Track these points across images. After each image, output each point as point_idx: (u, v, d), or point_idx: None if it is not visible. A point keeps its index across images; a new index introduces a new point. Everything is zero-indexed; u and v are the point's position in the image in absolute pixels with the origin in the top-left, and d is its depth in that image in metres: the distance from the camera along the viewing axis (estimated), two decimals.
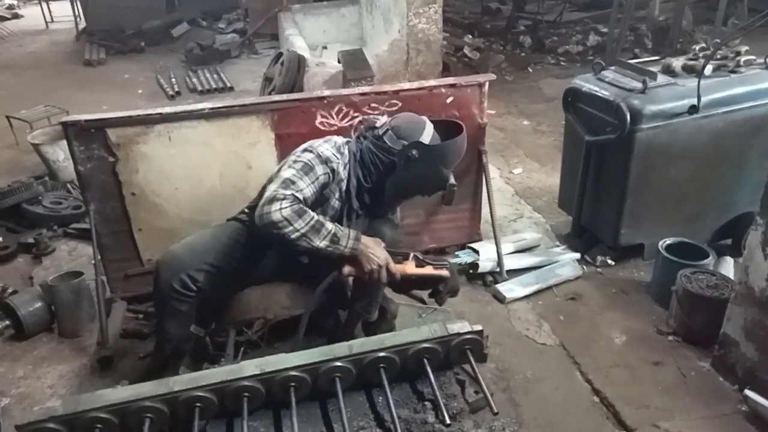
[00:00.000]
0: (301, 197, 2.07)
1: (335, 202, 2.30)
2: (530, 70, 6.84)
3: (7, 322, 2.88)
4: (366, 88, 2.86)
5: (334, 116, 2.84)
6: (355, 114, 2.84)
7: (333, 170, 2.20)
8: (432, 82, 2.90)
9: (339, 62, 5.18)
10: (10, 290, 3.12)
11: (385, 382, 1.92)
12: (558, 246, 3.35)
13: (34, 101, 5.77)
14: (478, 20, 8.54)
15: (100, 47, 8.33)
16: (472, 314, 2.90)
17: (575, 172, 3.16)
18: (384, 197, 2.34)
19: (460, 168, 3.09)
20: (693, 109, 2.77)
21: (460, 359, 2.05)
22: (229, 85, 6.65)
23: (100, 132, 2.62)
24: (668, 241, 2.91)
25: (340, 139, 2.32)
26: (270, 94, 5.14)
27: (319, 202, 2.24)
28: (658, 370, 2.52)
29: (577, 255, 3.22)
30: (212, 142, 2.75)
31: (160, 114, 2.65)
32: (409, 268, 2.24)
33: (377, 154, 2.26)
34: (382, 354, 1.95)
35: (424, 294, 2.99)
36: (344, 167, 2.27)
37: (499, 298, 2.98)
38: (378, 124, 2.29)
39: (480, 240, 3.28)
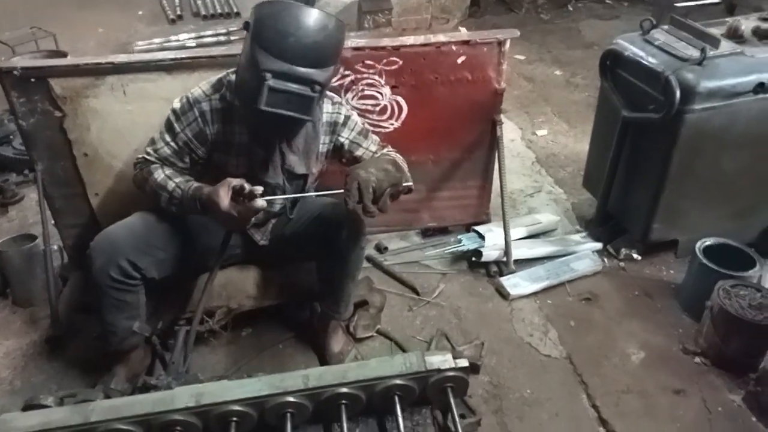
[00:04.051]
0: (155, 157, 1.94)
1: (241, 137, 1.92)
2: (570, 8, 6.11)
3: None
4: (361, 42, 2.36)
5: None
6: (346, 72, 2.38)
7: (201, 112, 1.89)
8: (441, 38, 2.38)
9: None
10: None
11: (344, 424, 1.60)
12: (578, 232, 2.92)
13: (29, 19, 5.30)
14: None
15: None
16: (470, 311, 2.54)
17: (606, 150, 2.68)
18: None
19: (468, 140, 2.65)
20: (760, 88, 2.25)
21: (439, 397, 1.70)
22: (235, 10, 6.07)
23: (43, 82, 2.22)
24: (708, 241, 2.46)
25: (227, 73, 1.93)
26: None
27: (225, 144, 1.93)
28: (679, 400, 2.15)
29: (599, 245, 2.80)
30: (175, 99, 2.33)
31: (112, 64, 2.22)
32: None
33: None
34: (343, 390, 1.61)
35: (417, 284, 2.65)
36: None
37: (503, 294, 2.59)
38: None
39: (488, 221, 2.85)
